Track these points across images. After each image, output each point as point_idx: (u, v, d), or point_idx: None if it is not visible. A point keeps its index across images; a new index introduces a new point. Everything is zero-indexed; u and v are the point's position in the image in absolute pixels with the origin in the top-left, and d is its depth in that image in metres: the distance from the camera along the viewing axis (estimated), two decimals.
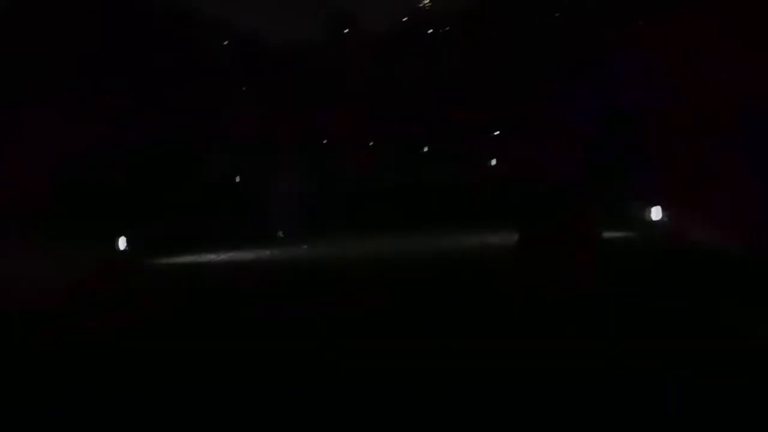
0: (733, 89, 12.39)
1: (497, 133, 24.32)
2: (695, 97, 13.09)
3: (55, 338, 6.37)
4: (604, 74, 15.24)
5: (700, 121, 12.59)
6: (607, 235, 6.15)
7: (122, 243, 9.99)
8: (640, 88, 13.71)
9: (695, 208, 9.91)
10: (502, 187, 15.38)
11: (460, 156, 26.21)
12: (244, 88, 30.04)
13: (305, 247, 11.48)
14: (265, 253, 10.09)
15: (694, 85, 13.25)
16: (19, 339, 6.35)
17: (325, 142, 22.23)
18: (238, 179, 22.80)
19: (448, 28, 39.98)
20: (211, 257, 10.11)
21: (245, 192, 19.97)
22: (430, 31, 41.49)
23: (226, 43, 31.90)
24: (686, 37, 14.01)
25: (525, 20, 27.10)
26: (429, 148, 33.26)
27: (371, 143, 25.95)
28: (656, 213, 10.31)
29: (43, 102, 16.48)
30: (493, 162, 21.60)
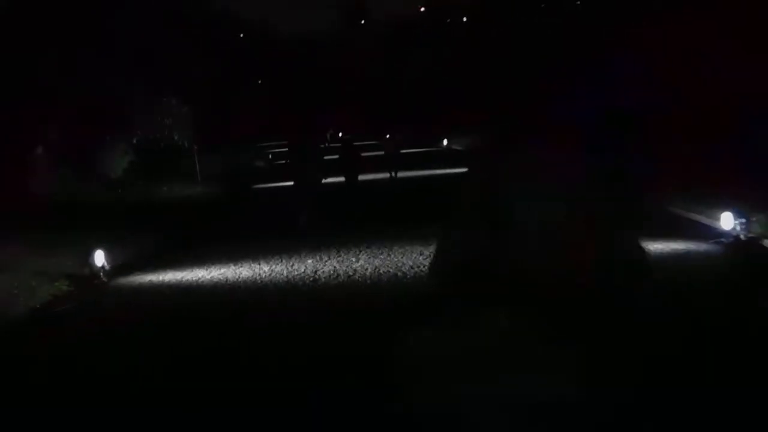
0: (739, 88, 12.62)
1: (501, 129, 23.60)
2: (699, 97, 13.23)
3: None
4: (607, 72, 14.84)
5: (704, 121, 12.90)
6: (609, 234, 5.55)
7: (99, 258, 8.61)
8: (644, 87, 13.51)
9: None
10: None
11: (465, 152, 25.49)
12: (242, 82, 28.94)
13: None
14: (263, 270, 8.74)
15: (698, 84, 13.39)
16: None
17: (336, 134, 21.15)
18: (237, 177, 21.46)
19: (449, 27, 39.40)
20: (202, 274, 8.78)
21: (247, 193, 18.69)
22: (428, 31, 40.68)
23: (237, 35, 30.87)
24: (692, 36, 13.94)
25: (528, 19, 26.49)
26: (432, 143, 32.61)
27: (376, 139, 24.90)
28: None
29: (40, 98, 15.44)
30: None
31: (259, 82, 41.62)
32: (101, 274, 8.66)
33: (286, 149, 15.46)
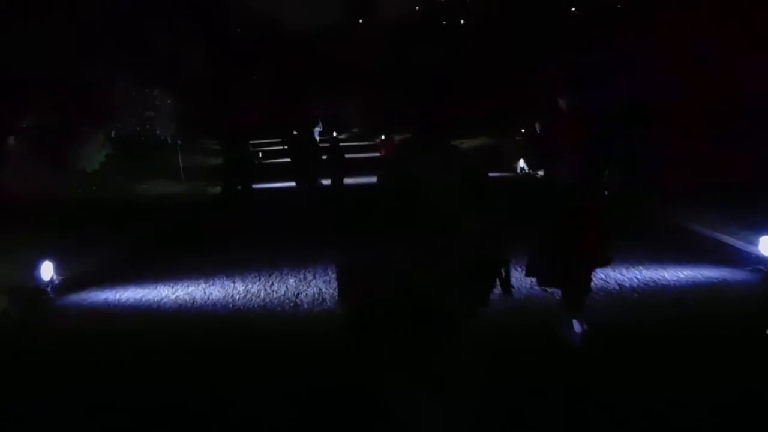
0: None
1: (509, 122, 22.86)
2: (711, 90, 12.63)
3: None
4: (619, 65, 14.09)
5: (715, 113, 12.42)
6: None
7: (46, 270, 7.40)
8: (657, 79, 13.15)
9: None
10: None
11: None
12: (236, 75, 27.77)
13: None
14: (237, 290, 7.54)
15: (710, 77, 12.72)
16: None
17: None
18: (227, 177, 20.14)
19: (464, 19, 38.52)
20: (166, 293, 7.56)
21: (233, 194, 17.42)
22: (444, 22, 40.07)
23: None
24: (707, 26, 13.26)
25: (540, 11, 25.62)
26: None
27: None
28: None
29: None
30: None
31: (254, 78, 40.39)
32: (48, 289, 7.45)
33: (285, 147, 14.50)
